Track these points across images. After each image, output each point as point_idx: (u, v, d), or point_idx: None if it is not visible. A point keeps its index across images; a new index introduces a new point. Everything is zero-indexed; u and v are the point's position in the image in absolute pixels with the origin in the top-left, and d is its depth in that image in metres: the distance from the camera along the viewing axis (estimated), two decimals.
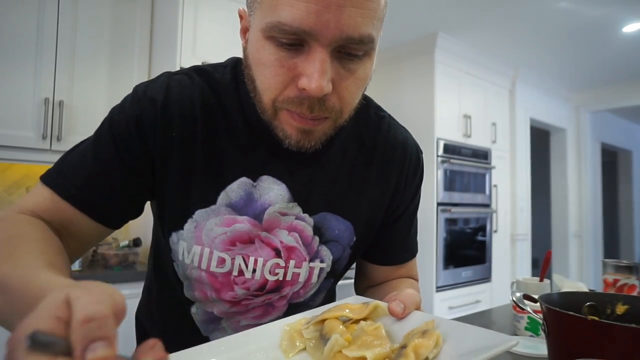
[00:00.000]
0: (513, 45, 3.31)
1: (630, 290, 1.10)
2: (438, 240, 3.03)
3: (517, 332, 1.03)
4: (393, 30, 3.06)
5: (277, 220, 0.61)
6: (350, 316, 0.48)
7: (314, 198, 0.62)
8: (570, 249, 4.49)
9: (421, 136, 3.15)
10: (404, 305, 0.47)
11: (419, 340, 0.40)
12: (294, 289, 0.65)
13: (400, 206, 0.71)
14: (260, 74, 0.51)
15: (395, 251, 0.74)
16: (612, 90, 4.42)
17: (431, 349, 0.39)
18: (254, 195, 0.60)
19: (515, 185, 3.84)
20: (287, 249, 0.62)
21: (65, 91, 2.01)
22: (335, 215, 0.64)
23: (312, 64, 0.47)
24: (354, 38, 0.47)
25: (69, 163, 0.57)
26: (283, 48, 0.48)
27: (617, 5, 2.66)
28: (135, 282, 1.92)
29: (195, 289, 0.64)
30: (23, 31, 1.91)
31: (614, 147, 5.45)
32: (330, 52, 0.48)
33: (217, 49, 2.14)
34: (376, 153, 0.67)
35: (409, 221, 0.74)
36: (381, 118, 0.70)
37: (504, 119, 3.76)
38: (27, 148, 1.91)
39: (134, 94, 0.60)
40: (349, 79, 0.51)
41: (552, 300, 0.60)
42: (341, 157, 0.64)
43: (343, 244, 0.66)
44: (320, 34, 0.46)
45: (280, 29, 0.46)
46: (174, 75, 0.61)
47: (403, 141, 0.70)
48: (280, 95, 0.51)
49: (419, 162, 0.72)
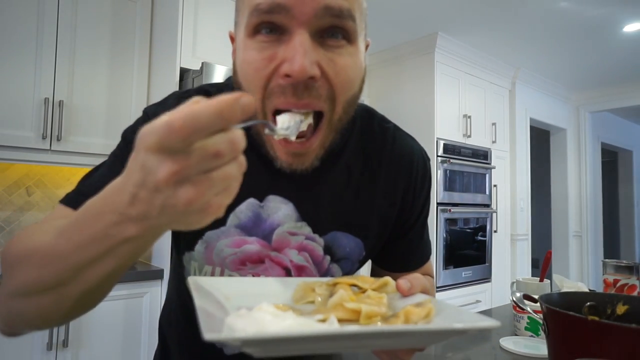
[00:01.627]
0: (513, 45, 3.31)
1: (630, 290, 1.10)
2: (438, 240, 3.03)
3: (517, 332, 1.03)
4: (393, 30, 3.06)
5: (286, 240, 0.61)
6: (360, 285, 0.51)
7: (322, 218, 0.62)
8: (570, 249, 4.49)
9: (421, 136, 3.15)
10: (411, 284, 0.48)
11: (413, 308, 0.43)
12: None
13: (411, 216, 0.70)
14: (245, 75, 0.50)
15: (411, 258, 0.74)
16: (612, 90, 4.42)
17: (421, 318, 0.42)
18: (262, 215, 0.60)
19: (515, 185, 3.84)
20: (297, 268, 0.62)
21: (65, 91, 2.01)
22: (345, 234, 0.63)
23: (293, 47, 0.46)
24: (332, 7, 0.46)
25: (89, 184, 0.57)
26: (264, 39, 0.47)
27: (617, 5, 2.66)
28: (135, 282, 1.93)
29: None
30: (23, 31, 1.91)
31: (614, 147, 5.45)
32: (311, 33, 0.47)
33: (217, 49, 2.14)
34: (382, 167, 0.66)
35: (421, 228, 0.74)
36: (385, 130, 0.68)
37: (504, 119, 3.76)
38: (27, 148, 1.91)
39: (144, 116, 0.60)
40: (337, 64, 0.49)
41: (552, 300, 0.60)
42: (347, 173, 0.63)
43: (353, 260, 0.66)
44: (296, 7, 0.45)
45: (258, 11, 0.46)
46: (181, 95, 0.61)
47: (409, 152, 0.69)
48: (265, 93, 0.49)
49: (426, 170, 0.71)
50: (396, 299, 0.49)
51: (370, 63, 3.60)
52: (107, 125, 2.13)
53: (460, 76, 3.32)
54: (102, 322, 1.86)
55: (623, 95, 4.37)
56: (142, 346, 1.96)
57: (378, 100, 3.53)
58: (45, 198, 2.21)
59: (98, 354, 1.85)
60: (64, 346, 1.75)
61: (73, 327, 1.78)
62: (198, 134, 0.27)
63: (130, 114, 2.20)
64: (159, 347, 0.79)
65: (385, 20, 2.88)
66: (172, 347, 0.74)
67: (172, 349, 0.73)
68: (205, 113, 0.27)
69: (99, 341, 1.85)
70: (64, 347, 1.75)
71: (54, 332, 1.73)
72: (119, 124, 2.17)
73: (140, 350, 1.96)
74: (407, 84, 3.31)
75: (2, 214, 2.10)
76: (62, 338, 1.75)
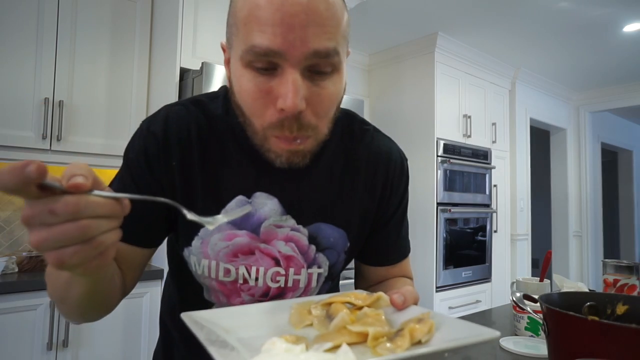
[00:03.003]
0: (513, 45, 3.31)
1: (630, 290, 1.10)
2: (438, 240, 3.03)
3: (517, 332, 1.03)
4: (393, 30, 3.06)
5: (273, 232, 0.66)
6: (355, 302, 0.53)
7: (305, 210, 0.68)
8: (570, 249, 4.49)
9: (421, 136, 3.15)
10: (404, 298, 0.52)
11: (415, 325, 0.45)
12: (296, 294, 0.70)
13: (388, 211, 0.76)
14: (243, 100, 0.58)
15: (388, 252, 0.79)
16: (612, 90, 4.42)
17: (425, 334, 0.44)
18: (250, 210, 0.65)
19: (515, 185, 3.84)
20: (285, 257, 0.67)
21: (65, 91, 2.01)
22: (329, 225, 0.69)
23: (286, 84, 0.53)
24: (320, 51, 0.53)
25: None
26: (259, 74, 0.54)
27: (617, 5, 2.66)
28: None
29: (212, 294, 0.71)
30: (23, 31, 1.92)
31: (614, 146, 5.45)
32: (300, 71, 0.53)
33: (217, 49, 2.14)
34: (361, 164, 0.72)
35: (399, 224, 0.79)
36: (365, 131, 0.75)
37: (504, 119, 3.76)
38: (27, 148, 1.91)
39: (140, 129, 0.66)
40: (320, 94, 0.56)
41: (552, 300, 0.60)
42: (329, 170, 0.70)
43: (338, 250, 0.71)
44: (288, 52, 0.52)
45: (254, 52, 0.52)
46: (172, 107, 0.67)
47: (387, 151, 0.75)
48: (265, 122, 0.56)
49: (404, 168, 0.77)
50: (391, 313, 0.52)
51: (370, 63, 3.60)
52: (107, 125, 2.13)
53: (460, 76, 3.32)
54: (102, 322, 1.85)
55: (623, 95, 4.37)
56: (142, 346, 1.96)
57: (378, 100, 3.53)
58: None
59: (98, 354, 1.85)
60: (64, 346, 1.75)
61: (73, 327, 1.78)
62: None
63: (130, 114, 2.20)
64: (160, 339, 0.83)
65: (385, 20, 2.88)
66: (176, 338, 0.78)
67: (177, 339, 0.78)
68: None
69: (99, 341, 1.86)
70: (64, 347, 1.75)
71: (54, 332, 1.73)
72: (119, 124, 2.17)
73: (140, 350, 1.96)
74: (407, 84, 3.31)
75: (2, 214, 2.10)
76: (62, 338, 1.75)
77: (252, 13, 0.52)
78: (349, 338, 0.45)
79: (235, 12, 0.56)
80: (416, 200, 3.10)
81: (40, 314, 1.71)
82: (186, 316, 0.47)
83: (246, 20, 0.53)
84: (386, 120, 3.43)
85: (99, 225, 0.37)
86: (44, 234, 0.35)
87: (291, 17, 0.51)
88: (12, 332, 1.66)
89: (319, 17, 0.52)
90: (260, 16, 0.52)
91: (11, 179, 0.33)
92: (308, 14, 0.51)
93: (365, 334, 0.45)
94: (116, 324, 1.90)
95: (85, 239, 0.37)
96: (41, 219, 0.35)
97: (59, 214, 0.35)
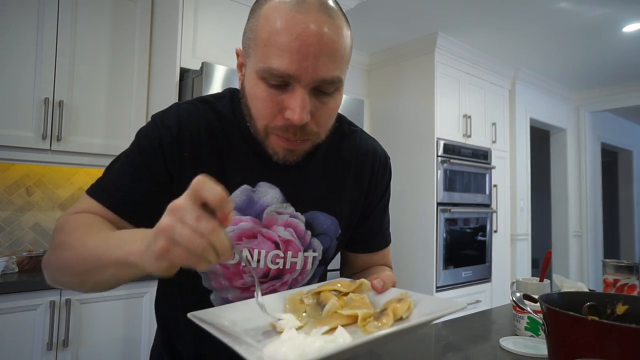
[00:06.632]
0: (513, 45, 3.31)
1: (630, 290, 1.10)
2: (438, 240, 3.03)
3: (517, 332, 1.03)
4: (393, 30, 3.06)
5: (274, 218, 0.74)
6: (341, 289, 0.61)
7: (303, 199, 0.76)
8: (570, 249, 4.49)
9: (421, 136, 3.15)
10: (383, 282, 0.62)
11: (396, 304, 0.54)
12: (292, 275, 0.77)
13: (372, 202, 0.85)
14: (254, 105, 0.66)
15: (371, 240, 0.88)
16: (612, 90, 4.42)
17: (405, 311, 0.53)
18: (254, 198, 0.73)
19: (515, 185, 3.84)
20: (284, 242, 0.75)
21: (65, 91, 2.01)
22: (323, 213, 0.78)
23: (295, 100, 0.61)
24: (326, 79, 0.62)
25: (110, 180, 0.71)
26: (272, 87, 0.62)
27: (617, 5, 2.66)
28: (135, 282, 1.93)
29: (212, 279, 0.75)
30: (23, 31, 1.91)
31: (614, 147, 5.45)
32: (308, 90, 0.62)
33: (217, 49, 2.14)
34: (351, 161, 0.81)
35: (382, 215, 0.88)
36: (353, 131, 0.84)
37: (504, 119, 3.77)
38: (27, 148, 1.91)
39: (153, 122, 0.72)
40: (323, 109, 0.65)
41: (552, 300, 0.60)
42: (323, 165, 0.78)
43: (331, 236, 0.79)
44: (301, 77, 0.60)
45: (271, 73, 0.60)
46: (182, 105, 0.75)
47: (373, 149, 0.85)
48: (270, 123, 0.64)
49: (387, 165, 0.87)
50: (373, 296, 0.61)
51: (370, 63, 3.60)
52: (107, 125, 2.13)
53: (460, 76, 3.32)
54: (102, 322, 1.86)
55: (623, 95, 4.37)
56: (142, 346, 1.96)
57: (378, 100, 3.53)
58: (45, 198, 2.21)
59: (98, 354, 1.85)
60: (64, 346, 1.75)
61: (73, 327, 1.78)
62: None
63: (130, 114, 2.20)
64: (159, 332, 0.85)
65: (385, 20, 2.88)
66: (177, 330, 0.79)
67: (178, 331, 0.79)
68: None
69: (99, 341, 1.85)
70: (64, 347, 1.75)
71: (54, 332, 1.73)
72: (119, 124, 2.17)
73: (140, 350, 1.96)
74: (407, 84, 3.31)
75: (2, 214, 2.10)
76: (62, 338, 1.75)
77: (272, 37, 0.60)
78: (342, 321, 0.52)
79: (255, 28, 0.63)
80: (416, 200, 3.10)
81: (40, 314, 1.71)
82: (192, 316, 0.52)
83: (266, 42, 0.60)
84: (386, 120, 3.43)
85: (211, 251, 0.45)
86: (189, 235, 0.43)
87: (307, 47, 0.59)
88: (12, 332, 1.66)
89: (330, 48, 0.61)
90: (279, 42, 0.59)
91: (212, 200, 0.45)
92: (321, 44, 0.59)
93: (355, 316, 0.53)
94: (116, 324, 1.90)
95: (201, 256, 0.44)
96: (190, 228, 0.44)
97: (203, 235, 0.44)
